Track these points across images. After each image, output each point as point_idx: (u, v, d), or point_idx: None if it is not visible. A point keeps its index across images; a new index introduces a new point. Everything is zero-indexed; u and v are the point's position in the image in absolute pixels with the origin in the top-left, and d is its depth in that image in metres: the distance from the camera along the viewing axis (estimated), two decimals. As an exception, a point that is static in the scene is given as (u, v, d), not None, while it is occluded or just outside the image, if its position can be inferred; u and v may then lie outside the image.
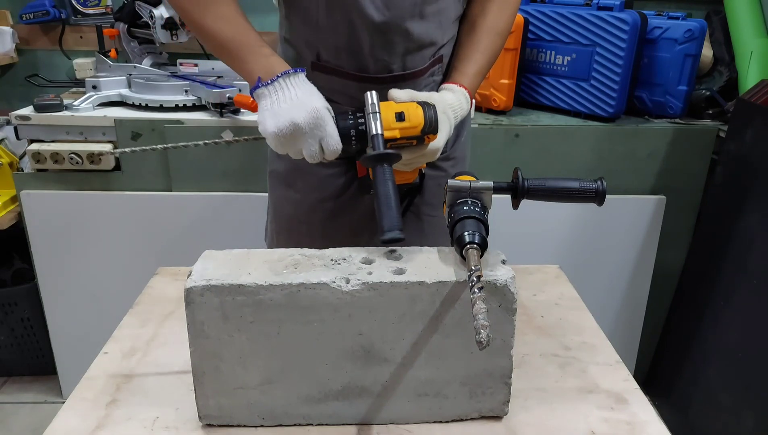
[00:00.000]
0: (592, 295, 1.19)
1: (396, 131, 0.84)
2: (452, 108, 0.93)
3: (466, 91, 0.97)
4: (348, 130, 0.85)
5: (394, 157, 0.82)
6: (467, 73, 0.99)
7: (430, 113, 0.86)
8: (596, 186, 0.80)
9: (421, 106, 0.86)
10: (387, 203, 0.78)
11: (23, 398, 2.00)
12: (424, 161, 0.93)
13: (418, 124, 0.85)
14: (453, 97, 0.95)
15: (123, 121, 1.64)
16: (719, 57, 1.94)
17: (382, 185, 0.79)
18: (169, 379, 0.84)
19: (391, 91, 0.89)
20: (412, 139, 0.86)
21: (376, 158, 0.81)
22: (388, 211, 0.77)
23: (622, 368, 0.89)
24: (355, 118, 0.85)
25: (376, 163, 0.81)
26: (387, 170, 0.80)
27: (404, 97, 0.88)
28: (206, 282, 0.69)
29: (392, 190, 0.79)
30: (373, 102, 0.84)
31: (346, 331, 0.71)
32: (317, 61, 0.98)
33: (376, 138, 0.83)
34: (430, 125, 0.86)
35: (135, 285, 1.10)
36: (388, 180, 0.80)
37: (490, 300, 0.69)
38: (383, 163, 0.81)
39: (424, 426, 0.77)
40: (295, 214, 1.11)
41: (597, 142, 1.74)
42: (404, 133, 0.85)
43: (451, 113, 0.93)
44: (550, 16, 1.76)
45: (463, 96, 0.96)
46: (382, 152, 0.81)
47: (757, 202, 1.60)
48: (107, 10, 1.94)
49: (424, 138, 0.87)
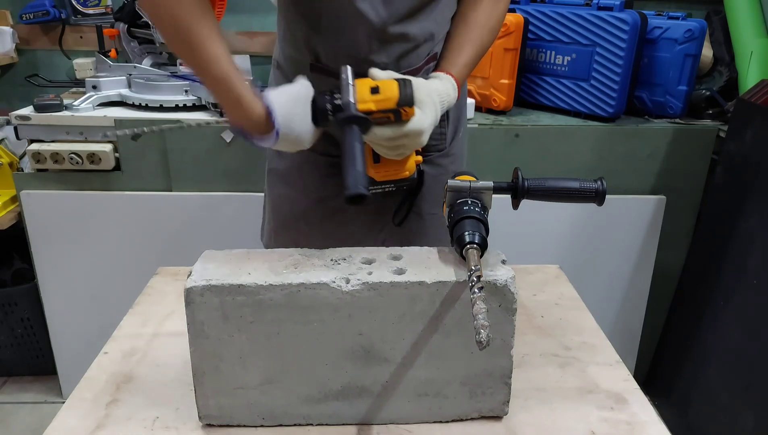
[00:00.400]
0: (592, 295, 1.19)
1: (371, 103, 0.85)
2: (437, 92, 0.93)
3: (452, 79, 0.97)
4: (324, 105, 0.86)
5: (361, 119, 0.83)
6: (455, 63, 0.99)
7: (406, 87, 0.86)
8: (596, 186, 0.80)
9: (396, 81, 0.87)
10: (351, 160, 0.78)
11: (23, 398, 2.00)
12: (410, 144, 0.91)
13: (392, 96, 0.85)
14: (440, 83, 0.95)
15: (123, 121, 1.64)
16: (719, 57, 1.94)
17: (349, 145, 0.80)
18: (169, 379, 0.84)
19: (371, 70, 0.90)
20: (389, 113, 0.86)
21: (345, 120, 0.82)
22: (353, 169, 0.77)
23: (622, 368, 0.89)
24: (331, 95, 0.87)
25: (345, 124, 0.82)
26: (355, 131, 0.82)
27: (383, 75, 0.89)
28: (206, 282, 0.69)
29: (359, 151, 0.79)
30: (346, 75, 0.86)
31: (346, 331, 0.71)
32: (315, 63, 0.98)
33: (348, 104, 0.84)
34: (404, 98, 0.86)
35: (135, 285, 1.10)
36: (355, 140, 0.80)
37: (490, 300, 0.69)
38: (352, 125, 0.82)
39: (424, 426, 0.77)
40: (294, 212, 1.11)
41: (597, 142, 1.74)
42: (379, 106, 0.85)
43: (436, 97, 0.92)
44: (550, 16, 1.76)
45: (450, 83, 0.96)
46: (351, 114, 0.83)
47: (757, 202, 1.60)
48: (107, 10, 1.94)
49: (400, 111, 0.86)
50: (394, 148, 0.91)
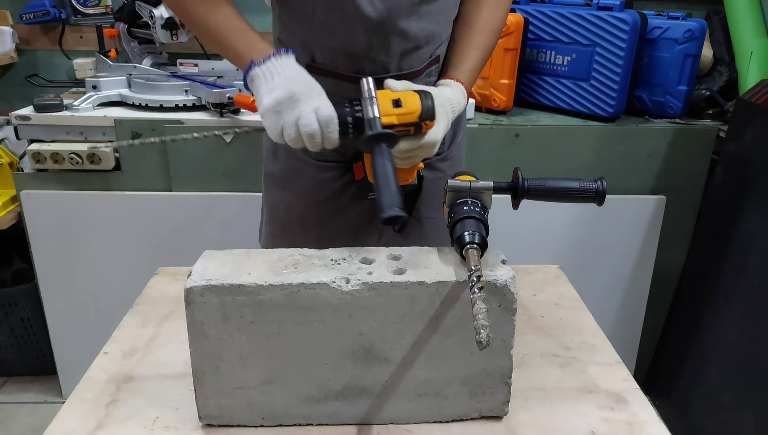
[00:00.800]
0: (592, 295, 1.19)
1: (393, 117, 0.84)
2: (450, 101, 0.93)
3: (462, 86, 0.97)
4: (344, 118, 0.84)
5: (392, 137, 0.81)
6: (463, 69, 0.99)
7: (427, 100, 0.85)
8: (596, 186, 0.80)
9: (417, 94, 0.86)
10: (386, 182, 0.77)
11: (23, 398, 2.00)
12: (422, 155, 0.92)
13: (415, 109, 0.85)
14: (450, 91, 0.95)
15: (123, 121, 1.64)
16: (719, 57, 1.94)
17: (381, 165, 0.78)
18: (169, 379, 0.84)
19: (387, 81, 0.90)
20: (410, 126, 0.85)
21: (373, 138, 0.80)
22: (387, 190, 0.76)
23: (622, 368, 0.89)
24: (352, 107, 0.84)
25: (374, 143, 0.80)
26: (385, 150, 0.80)
27: (400, 87, 0.89)
28: (206, 282, 0.69)
29: (391, 170, 0.78)
30: (369, 87, 0.84)
31: (346, 331, 0.71)
32: (312, 63, 0.98)
33: (374, 121, 0.82)
34: (427, 111, 0.85)
35: (135, 285, 1.10)
36: (386, 160, 0.79)
37: (490, 300, 0.69)
38: (381, 143, 0.80)
39: (424, 426, 0.77)
40: (290, 216, 1.11)
41: (597, 142, 1.74)
42: (401, 120, 0.84)
43: (448, 107, 0.92)
44: (550, 16, 1.76)
45: (461, 91, 0.96)
46: (380, 132, 0.81)
47: (757, 202, 1.60)
48: (107, 10, 1.94)
49: (421, 125, 0.86)
50: (406, 159, 0.91)
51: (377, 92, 0.84)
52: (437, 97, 0.89)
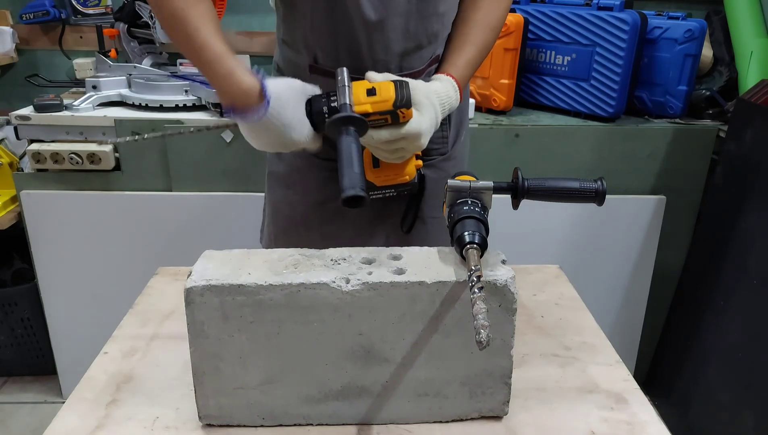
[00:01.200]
0: (592, 295, 1.19)
1: (367, 105, 0.85)
2: (437, 94, 0.92)
3: (453, 80, 0.96)
4: (321, 108, 0.86)
5: (357, 120, 0.82)
6: (456, 63, 0.98)
7: (402, 89, 0.85)
8: (596, 186, 0.80)
9: (393, 83, 0.86)
10: (348, 162, 0.77)
11: (23, 398, 2.00)
12: (409, 147, 0.90)
13: (389, 97, 0.85)
14: (439, 84, 0.94)
15: (123, 121, 1.64)
16: (719, 57, 1.94)
17: (345, 145, 0.79)
18: (169, 379, 0.84)
19: (367, 74, 0.90)
20: (385, 115, 0.86)
21: (340, 121, 0.81)
22: (349, 170, 0.76)
23: (622, 368, 0.89)
24: (327, 97, 0.86)
25: (341, 125, 0.81)
26: (351, 131, 0.81)
27: (380, 78, 0.89)
28: (206, 282, 0.69)
29: (355, 151, 0.79)
30: (342, 77, 0.85)
31: (346, 331, 0.71)
32: (314, 64, 0.98)
33: (344, 106, 0.83)
34: (401, 99, 0.85)
35: (135, 285, 1.10)
36: (351, 141, 0.80)
37: (490, 300, 0.69)
38: (348, 126, 0.81)
39: (424, 426, 0.77)
40: (293, 216, 1.11)
41: (597, 142, 1.74)
42: (376, 108, 0.85)
43: (435, 99, 0.91)
44: (550, 16, 1.76)
45: (450, 85, 0.95)
46: (346, 114, 0.82)
47: (757, 202, 1.60)
48: (107, 10, 1.94)
49: (397, 113, 0.86)
50: (392, 152, 0.91)
51: (353, 82, 0.86)
52: (421, 89, 0.89)
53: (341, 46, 0.95)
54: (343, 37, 0.94)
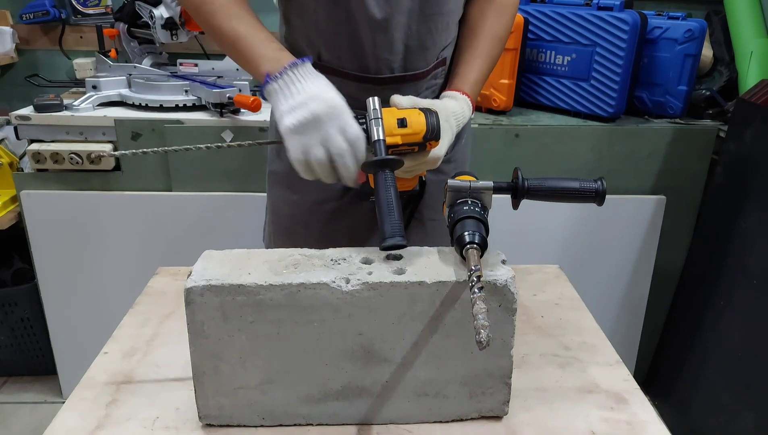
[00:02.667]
0: (592, 295, 1.19)
1: (398, 137, 0.84)
2: (455, 115, 0.93)
3: (468, 99, 0.97)
4: None
5: (396, 163, 0.81)
6: (469, 80, 0.99)
7: (432, 120, 0.85)
8: (596, 186, 0.80)
9: (423, 113, 0.85)
10: (389, 209, 0.76)
11: (23, 398, 2.00)
12: (426, 169, 0.92)
13: (420, 130, 0.84)
14: (456, 104, 0.95)
15: (123, 121, 1.64)
16: (719, 57, 1.94)
17: (384, 191, 0.78)
18: (169, 379, 0.84)
19: (393, 97, 0.89)
20: (414, 146, 0.85)
21: (378, 164, 0.80)
22: (390, 218, 0.76)
23: (622, 368, 0.89)
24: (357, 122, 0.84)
25: (378, 168, 0.80)
26: (389, 176, 0.79)
27: (406, 103, 0.88)
28: (206, 282, 0.69)
29: (394, 196, 0.78)
30: (375, 108, 0.83)
31: (346, 331, 0.71)
32: (318, 62, 0.98)
33: (378, 143, 0.81)
34: (432, 132, 0.85)
35: (135, 285, 1.10)
36: (390, 186, 0.78)
37: (490, 300, 0.69)
38: (385, 168, 0.80)
39: (424, 426, 0.77)
40: (293, 215, 1.11)
41: (597, 142, 1.74)
42: (406, 140, 0.84)
43: (453, 121, 0.92)
44: (550, 16, 1.76)
45: (466, 103, 0.96)
46: (384, 158, 0.80)
47: (757, 202, 1.60)
48: (107, 10, 1.94)
49: (425, 144, 0.86)
50: (408, 173, 0.91)
51: (383, 111, 0.83)
52: (442, 112, 0.88)
53: (345, 45, 0.95)
54: (347, 35, 0.94)
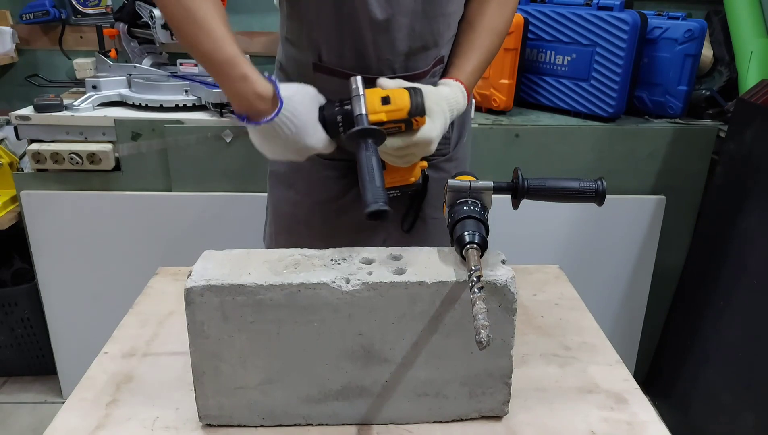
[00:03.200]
0: (592, 295, 1.19)
1: (382, 114, 0.84)
2: (447, 100, 0.93)
3: (462, 86, 0.96)
4: (334, 117, 0.85)
5: (377, 132, 0.82)
6: (464, 69, 0.99)
7: (417, 96, 0.86)
8: (596, 186, 0.80)
9: (407, 91, 0.86)
10: (370, 176, 0.77)
11: (23, 398, 2.00)
12: (419, 153, 0.91)
13: (403, 106, 0.85)
14: (448, 90, 0.95)
15: (123, 121, 1.64)
16: (719, 57, 1.94)
17: (365, 160, 0.79)
18: (169, 379, 0.84)
19: (379, 80, 0.90)
20: (400, 123, 0.86)
21: (358, 133, 0.81)
22: (371, 185, 0.77)
23: (622, 368, 0.89)
24: (341, 105, 0.86)
25: (359, 138, 0.81)
26: (370, 145, 0.81)
27: (392, 85, 0.89)
28: (206, 282, 0.69)
29: (376, 165, 0.79)
30: (356, 86, 0.85)
31: (346, 331, 0.71)
32: (318, 62, 0.98)
33: (360, 117, 0.83)
34: (416, 108, 0.85)
35: (135, 285, 1.10)
36: (371, 154, 0.80)
37: (490, 300, 0.69)
38: (367, 138, 0.81)
39: (424, 426, 0.77)
40: (295, 215, 1.11)
41: (597, 142, 1.74)
42: (390, 116, 0.85)
43: (445, 104, 0.92)
44: (550, 16, 1.76)
45: (459, 90, 0.96)
46: (365, 127, 0.82)
47: (757, 202, 1.60)
48: (107, 10, 1.94)
49: (411, 121, 0.86)
50: (402, 157, 0.91)
51: (366, 90, 0.85)
52: (432, 95, 0.89)
53: (346, 45, 0.95)
54: (348, 35, 0.94)
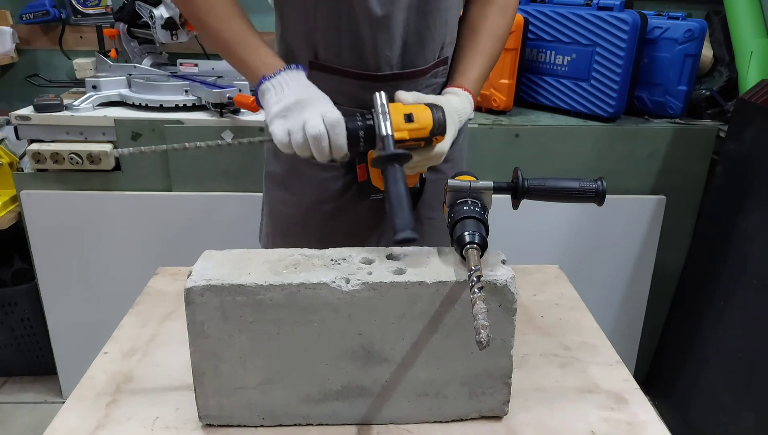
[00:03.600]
0: (592, 295, 1.19)
1: (405, 132, 0.84)
2: (457, 112, 0.94)
3: (470, 95, 0.98)
4: (357, 132, 0.84)
5: (405, 157, 0.82)
6: (470, 77, 1.00)
7: (439, 115, 0.86)
8: (596, 186, 0.80)
9: (429, 108, 0.86)
10: (399, 203, 0.77)
11: (23, 398, 2.00)
12: (428, 164, 0.93)
13: (427, 125, 0.85)
14: (458, 100, 0.96)
15: (123, 121, 1.64)
16: (719, 57, 1.94)
17: (394, 185, 0.79)
18: (169, 379, 0.84)
19: (398, 93, 0.90)
20: (421, 141, 0.86)
21: (387, 158, 0.80)
22: (401, 211, 0.76)
23: (622, 368, 0.89)
24: (364, 120, 0.84)
25: (387, 163, 0.80)
26: (398, 170, 0.80)
27: (411, 99, 0.89)
28: (206, 282, 0.69)
29: (404, 190, 0.78)
30: (382, 102, 0.84)
31: (346, 331, 0.71)
32: (315, 60, 0.98)
33: (387, 138, 0.82)
34: (438, 126, 0.86)
35: (135, 285, 1.10)
36: (399, 180, 0.79)
37: (490, 300, 0.69)
38: (394, 163, 0.80)
39: (424, 426, 0.77)
40: (291, 216, 1.11)
41: (597, 142, 1.74)
42: (413, 135, 0.85)
43: (456, 117, 0.93)
44: (550, 16, 1.76)
45: (467, 99, 0.97)
46: (394, 152, 0.81)
47: (757, 202, 1.60)
48: (107, 10, 1.95)
49: (432, 139, 0.87)
50: (412, 169, 0.92)
51: (390, 106, 0.84)
52: (446, 108, 0.89)
53: (345, 43, 0.95)
54: (346, 32, 0.94)
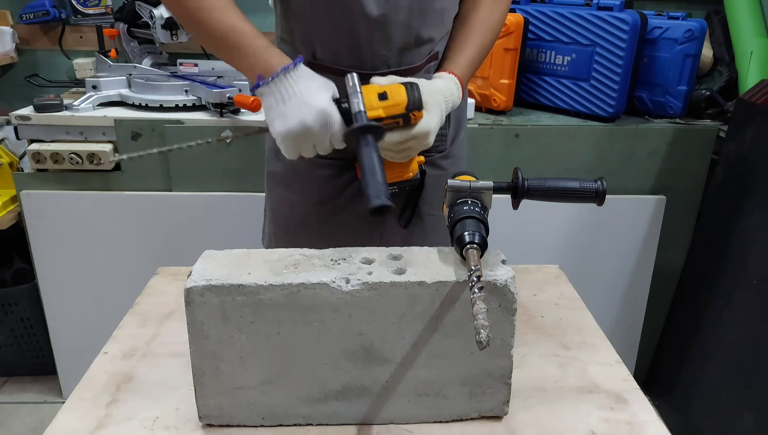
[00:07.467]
0: (592, 295, 1.19)
1: (380, 110, 0.84)
2: (442, 93, 0.93)
3: (455, 78, 0.96)
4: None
5: (377, 129, 0.82)
6: (457, 63, 0.99)
7: (413, 91, 0.86)
8: (596, 186, 0.80)
9: (403, 85, 0.86)
10: (371, 172, 0.77)
11: (23, 398, 2.00)
12: (417, 146, 0.91)
13: (401, 101, 0.85)
14: (442, 82, 0.95)
15: (123, 121, 1.64)
16: (719, 57, 1.94)
17: (366, 155, 0.79)
18: (169, 379, 0.84)
19: (373, 78, 0.90)
20: (398, 118, 0.86)
21: (358, 130, 0.81)
22: (373, 180, 0.76)
23: (622, 368, 0.89)
24: (339, 104, 0.85)
25: (359, 135, 0.81)
26: (370, 141, 0.80)
27: (386, 81, 0.89)
28: (206, 282, 0.69)
29: (377, 160, 0.78)
30: (353, 83, 0.84)
31: (346, 331, 0.71)
32: (313, 60, 0.98)
33: (359, 114, 0.83)
34: (413, 102, 0.85)
35: (135, 285, 1.10)
36: (372, 151, 0.79)
37: (490, 300, 0.69)
38: (366, 135, 0.81)
39: (424, 426, 0.77)
40: (293, 216, 1.11)
41: (597, 142, 1.74)
42: (388, 112, 0.85)
43: (440, 97, 0.92)
44: (550, 16, 1.76)
45: (453, 82, 0.96)
46: (364, 124, 0.81)
47: (757, 202, 1.60)
48: (107, 10, 1.95)
49: (409, 116, 0.86)
50: (400, 152, 0.91)
51: (363, 88, 0.85)
52: (427, 88, 0.89)
53: (341, 42, 0.95)
54: (343, 32, 0.94)
